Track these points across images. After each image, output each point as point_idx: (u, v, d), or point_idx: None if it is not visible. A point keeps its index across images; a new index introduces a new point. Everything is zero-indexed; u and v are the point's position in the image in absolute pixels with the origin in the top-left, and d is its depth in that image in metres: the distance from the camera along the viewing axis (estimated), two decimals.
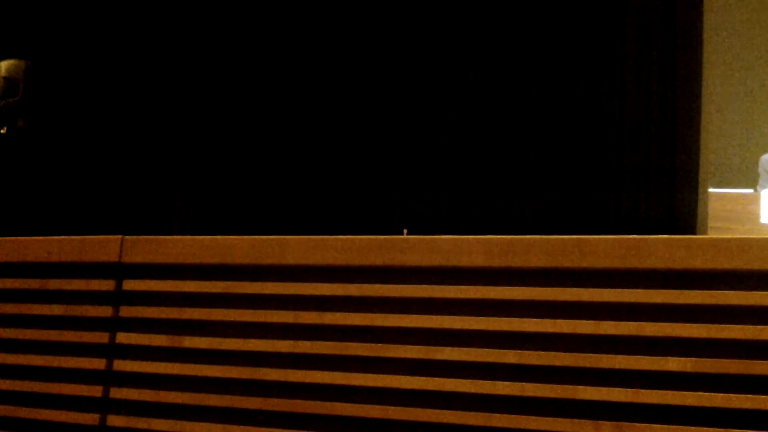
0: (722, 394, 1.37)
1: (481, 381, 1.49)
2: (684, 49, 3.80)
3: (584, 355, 1.45)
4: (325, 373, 1.59)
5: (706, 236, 1.58)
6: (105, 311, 1.77)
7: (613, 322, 1.44)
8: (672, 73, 3.80)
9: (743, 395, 1.36)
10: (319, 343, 1.60)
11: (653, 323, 1.42)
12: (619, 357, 1.43)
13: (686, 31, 3.80)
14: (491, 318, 1.51)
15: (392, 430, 1.53)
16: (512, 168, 3.74)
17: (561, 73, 3.82)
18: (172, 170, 3.96)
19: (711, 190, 4.03)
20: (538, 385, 1.46)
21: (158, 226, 3.78)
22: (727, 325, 1.39)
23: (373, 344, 1.57)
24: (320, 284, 1.62)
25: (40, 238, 1.84)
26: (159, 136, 3.99)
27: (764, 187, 4.77)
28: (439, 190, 3.76)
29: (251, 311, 1.66)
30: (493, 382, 1.49)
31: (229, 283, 1.69)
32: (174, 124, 4.01)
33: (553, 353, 1.46)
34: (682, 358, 1.40)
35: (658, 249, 1.43)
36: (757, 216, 4.36)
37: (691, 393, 1.38)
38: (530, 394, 1.46)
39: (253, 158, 3.96)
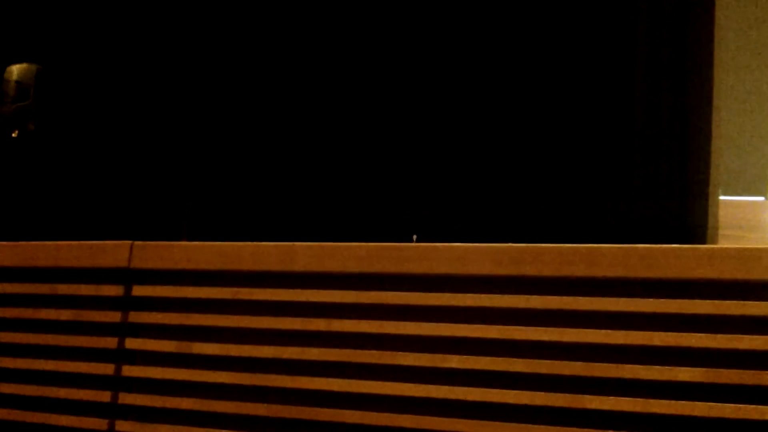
0: (732, 405, 1.36)
1: (488, 389, 1.49)
2: (695, 55, 3.78)
3: (594, 364, 1.44)
4: (333, 380, 1.59)
5: (714, 246, 1.57)
6: (114, 317, 1.77)
7: (622, 332, 1.44)
8: (682, 79, 3.78)
9: (753, 406, 1.35)
10: (327, 350, 1.60)
11: (663, 333, 1.42)
12: (629, 366, 1.42)
13: (698, 38, 3.79)
14: (500, 326, 1.50)
15: None
16: (521, 175, 3.73)
17: (572, 80, 3.81)
18: (182, 176, 3.96)
19: (722, 197, 4.01)
20: (547, 394, 1.46)
21: (167, 231, 3.79)
22: (738, 335, 1.38)
23: (381, 352, 1.57)
24: (329, 291, 1.62)
25: (50, 242, 1.85)
26: (169, 140, 4.00)
27: None
28: (448, 197, 3.76)
29: (259, 318, 1.66)
30: (501, 390, 1.48)
31: (238, 289, 1.69)
32: (185, 129, 4.02)
33: (562, 362, 1.46)
34: (693, 368, 1.39)
35: (666, 258, 1.42)
36: None
37: (700, 403, 1.38)
38: (539, 403, 1.46)
39: (262, 165, 3.97)
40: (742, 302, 1.38)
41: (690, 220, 3.53)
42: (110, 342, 1.77)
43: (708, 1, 3.75)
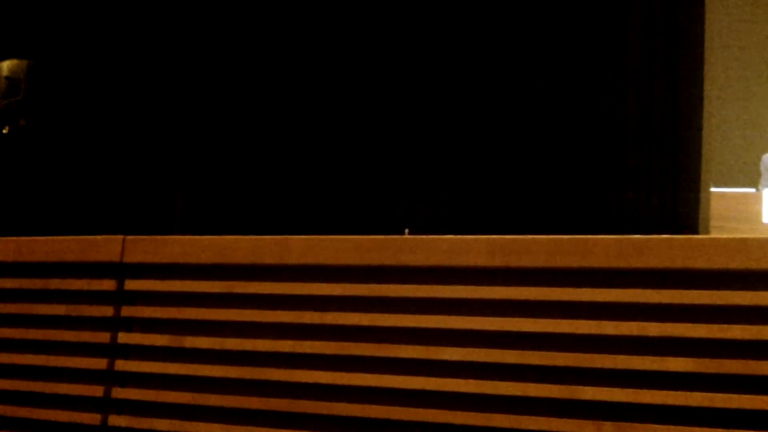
0: (724, 394, 1.37)
1: (482, 381, 1.49)
2: (686, 49, 3.79)
3: (586, 355, 1.45)
4: (327, 372, 1.59)
5: (707, 236, 1.58)
6: (106, 311, 1.77)
7: (614, 322, 1.44)
8: (674, 72, 3.79)
9: (745, 395, 1.36)
10: (320, 342, 1.60)
11: (654, 323, 1.42)
12: (621, 357, 1.43)
13: (688, 31, 3.80)
14: (492, 318, 1.51)
15: (393, 430, 1.53)
16: (514, 167, 3.74)
17: (563, 73, 3.82)
18: (174, 169, 3.96)
19: (713, 189, 4.02)
20: (540, 385, 1.46)
21: (160, 225, 3.78)
22: (729, 325, 1.38)
23: (374, 344, 1.57)
24: (321, 284, 1.62)
25: (42, 237, 1.84)
26: (161, 135, 3.99)
27: (766, 187, 4.77)
28: (440, 189, 3.76)
29: (252, 311, 1.66)
30: (495, 382, 1.48)
31: (231, 282, 1.69)
32: (176, 123, 4.01)
33: (554, 353, 1.46)
34: (684, 358, 1.39)
35: (659, 249, 1.43)
36: (759, 215, 4.36)
37: (692, 393, 1.38)
38: (532, 394, 1.46)
39: (255, 158, 3.96)
40: (734, 292, 1.39)
41: (682, 212, 3.54)
42: (103, 336, 1.76)
43: None
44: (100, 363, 1.75)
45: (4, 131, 3.12)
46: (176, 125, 4.00)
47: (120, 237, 1.78)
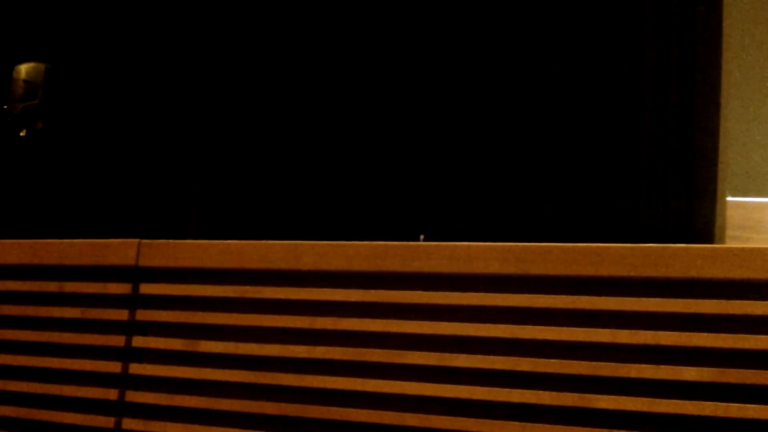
0: (739, 405, 1.36)
1: (495, 388, 1.49)
2: (703, 55, 3.77)
3: (601, 363, 1.44)
4: (340, 378, 1.59)
5: (723, 245, 1.57)
6: (121, 315, 1.78)
7: (629, 331, 1.43)
8: (691, 80, 3.77)
9: (760, 405, 1.35)
10: (334, 348, 1.61)
11: (669, 332, 1.42)
12: (636, 366, 1.42)
13: (706, 37, 3.78)
14: (507, 325, 1.50)
15: None
16: (529, 175, 3.73)
17: (578, 81, 3.81)
18: (190, 174, 3.97)
19: (729, 198, 3.99)
20: (554, 393, 1.46)
21: (175, 230, 3.79)
22: (745, 335, 1.38)
23: (388, 350, 1.57)
24: (336, 290, 1.62)
25: (57, 240, 1.85)
26: (177, 139, 4.00)
27: None
28: (456, 196, 3.75)
29: (267, 316, 1.67)
30: (508, 389, 1.48)
31: (245, 287, 1.69)
32: (193, 128, 4.02)
33: (569, 362, 1.46)
34: (698, 368, 1.39)
35: (675, 258, 1.42)
36: None
37: (707, 403, 1.37)
38: (546, 402, 1.46)
39: (270, 163, 3.97)
40: (748, 302, 1.38)
41: (697, 221, 3.51)
42: (117, 340, 1.77)
43: (715, 1, 3.73)
44: (114, 366, 1.76)
45: (22, 134, 3.14)
46: (192, 130, 4.02)
47: (135, 241, 1.79)
